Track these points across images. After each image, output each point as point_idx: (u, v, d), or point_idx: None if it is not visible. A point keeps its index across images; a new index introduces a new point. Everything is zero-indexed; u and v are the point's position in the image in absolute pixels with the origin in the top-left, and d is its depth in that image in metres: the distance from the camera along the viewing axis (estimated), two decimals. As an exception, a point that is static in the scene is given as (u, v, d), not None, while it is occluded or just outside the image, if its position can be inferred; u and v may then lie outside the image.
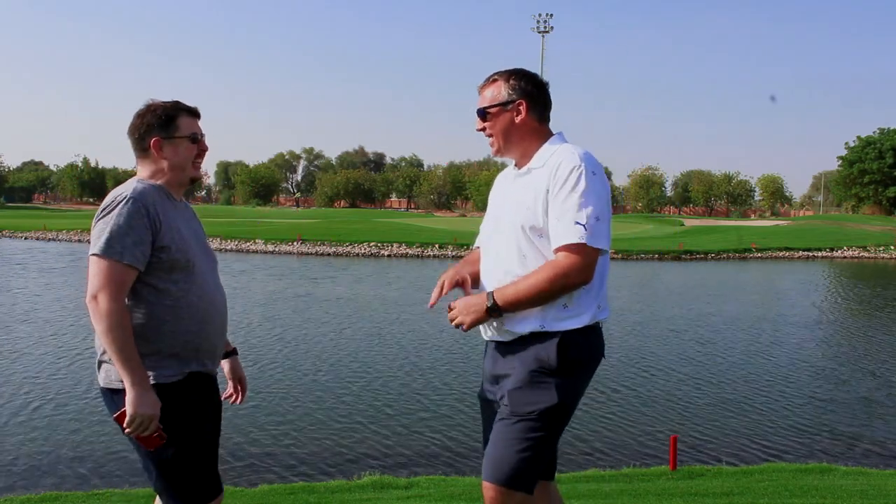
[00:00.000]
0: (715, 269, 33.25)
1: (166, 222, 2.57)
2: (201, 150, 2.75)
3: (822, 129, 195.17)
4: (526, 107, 2.63)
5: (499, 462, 2.47)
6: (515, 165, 2.73)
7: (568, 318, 2.51)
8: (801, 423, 9.47)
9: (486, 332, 2.67)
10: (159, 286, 2.55)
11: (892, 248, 43.42)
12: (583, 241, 2.42)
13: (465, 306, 2.58)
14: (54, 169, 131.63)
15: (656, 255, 38.02)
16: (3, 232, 45.89)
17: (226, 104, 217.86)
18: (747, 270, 33.73)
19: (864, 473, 6.54)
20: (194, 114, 2.74)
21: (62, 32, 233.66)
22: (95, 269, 2.48)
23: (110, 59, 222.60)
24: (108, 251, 2.46)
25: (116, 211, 2.50)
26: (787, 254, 41.37)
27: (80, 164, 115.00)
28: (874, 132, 79.09)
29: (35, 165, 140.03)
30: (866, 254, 42.74)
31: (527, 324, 2.52)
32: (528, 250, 2.54)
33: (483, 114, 2.68)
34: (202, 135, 2.76)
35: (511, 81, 2.65)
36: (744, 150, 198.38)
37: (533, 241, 2.54)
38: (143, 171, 2.69)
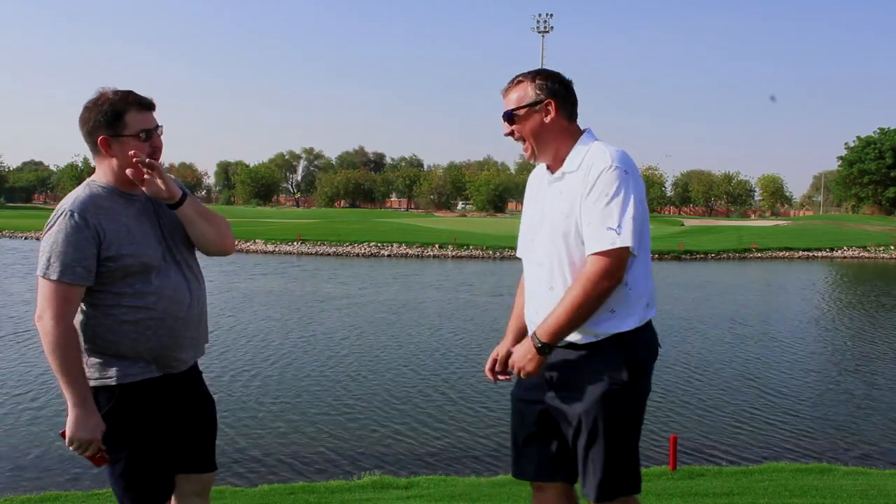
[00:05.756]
0: (715, 269, 33.23)
1: (112, 230, 2.45)
2: (155, 147, 2.54)
3: (822, 129, 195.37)
4: (555, 106, 2.55)
5: (608, 481, 2.52)
6: (548, 168, 2.66)
7: (618, 322, 2.49)
8: (801, 423, 9.47)
9: None
10: (115, 291, 2.49)
11: (892, 248, 43.41)
12: (614, 247, 2.38)
13: (521, 356, 2.54)
14: (54, 169, 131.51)
15: (656, 255, 37.94)
16: (3, 232, 45.93)
17: (226, 104, 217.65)
18: (747, 270, 33.73)
19: (864, 473, 6.54)
20: (146, 106, 2.53)
21: (62, 32, 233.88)
22: (40, 290, 2.43)
23: (110, 59, 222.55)
24: (47, 271, 2.40)
25: (56, 227, 2.42)
26: (787, 254, 41.35)
27: (80, 164, 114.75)
28: (874, 132, 79.01)
29: (35, 165, 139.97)
30: (866, 254, 42.72)
31: (580, 334, 2.50)
32: (570, 260, 2.50)
33: (510, 116, 2.59)
34: (156, 127, 2.55)
35: (537, 81, 2.57)
36: (744, 150, 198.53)
37: (574, 250, 2.48)
38: (98, 170, 2.57)
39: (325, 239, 40.20)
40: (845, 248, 43.67)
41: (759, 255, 40.52)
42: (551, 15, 75.95)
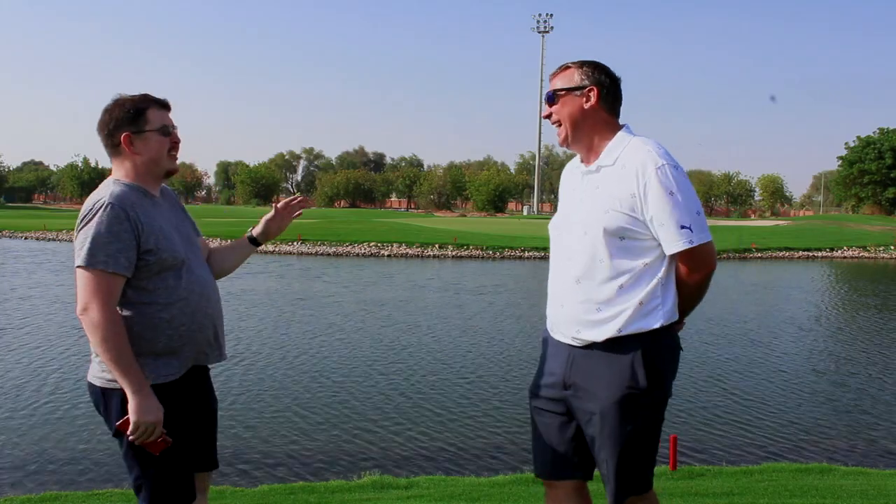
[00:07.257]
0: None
1: (148, 224, 2.51)
2: (174, 143, 2.65)
3: (822, 129, 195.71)
4: (597, 94, 2.52)
5: (624, 481, 2.55)
6: (582, 161, 2.63)
7: (642, 318, 2.46)
8: (801, 423, 9.46)
9: (558, 335, 2.63)
10: (149, 287, 2.52)
11: (892, 248, 43.40)
12: (692, 245, 2.40)
13: None
14: (54, 169, 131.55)
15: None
16: (3, 232, 45.93)
17: (226, 104, 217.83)
18: (747, 270, 33.71)
19: (864, 473, 6.53)
20: (164, 105, 2.66)
21: (62, 32, 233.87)
22: (82, 281, 2.43)
23: (110, 59, 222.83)
24: (92, 261, 2.41)
25: (96, 219, 2.44)
26: (787, 254, 41.33)
27: (80, 164, 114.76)
28: (874, 132, 79.06)
29: (35, 165, 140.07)
30: (866, 254, 42.70)
31: (603, 330, 2.47)
32: (604, 255, 2.47)
33: (551, 97, 2.57)
34: (174, 127, 2.67)
35: (584, 69, 2.56)
36: (744, 150, 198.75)
37: (610, 245, 2.46)
38: (118, 170, 2.63)
39: (325, 239, 40.19)
40: (845, 248, 43.65)
41: (759, 255, 40.50)
42: (551, 15, 76.39)
